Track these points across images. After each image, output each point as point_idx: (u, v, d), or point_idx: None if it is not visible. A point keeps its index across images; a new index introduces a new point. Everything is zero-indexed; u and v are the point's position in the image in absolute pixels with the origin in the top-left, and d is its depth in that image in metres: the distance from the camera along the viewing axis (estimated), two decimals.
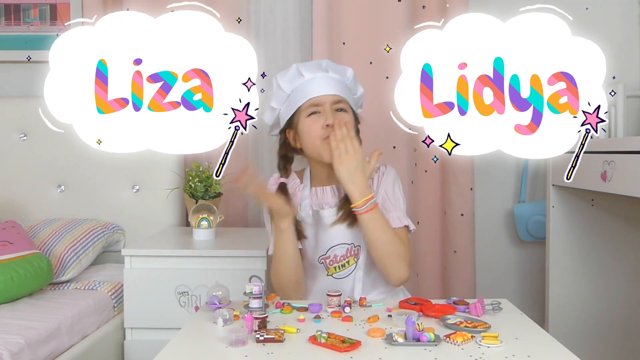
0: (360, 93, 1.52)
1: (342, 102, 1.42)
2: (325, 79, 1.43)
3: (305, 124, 1.41)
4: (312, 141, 1.41)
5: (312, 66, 1.44)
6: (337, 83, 1.43)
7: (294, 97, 1.44)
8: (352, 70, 1.47)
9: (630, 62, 2.31)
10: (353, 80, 1.48)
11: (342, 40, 2.18)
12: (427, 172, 2.25)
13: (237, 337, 1.01)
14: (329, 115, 1.38)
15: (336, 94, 1.41)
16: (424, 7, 2.21)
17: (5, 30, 2.35)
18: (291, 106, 1.44)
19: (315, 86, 1.42)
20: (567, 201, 1.91)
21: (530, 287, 2.37)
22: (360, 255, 1.43)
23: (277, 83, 1.46)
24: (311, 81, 1.42)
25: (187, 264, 1.64)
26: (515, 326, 1.10)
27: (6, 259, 1.60)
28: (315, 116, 1.40)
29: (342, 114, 1.41)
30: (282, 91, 1.45)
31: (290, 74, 1.44)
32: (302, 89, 1.43)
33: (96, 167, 2.09)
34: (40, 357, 1.37)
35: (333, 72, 1.44)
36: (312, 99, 1.40)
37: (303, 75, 1.43)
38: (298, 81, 1.44)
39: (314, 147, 1.41)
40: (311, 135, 1.40)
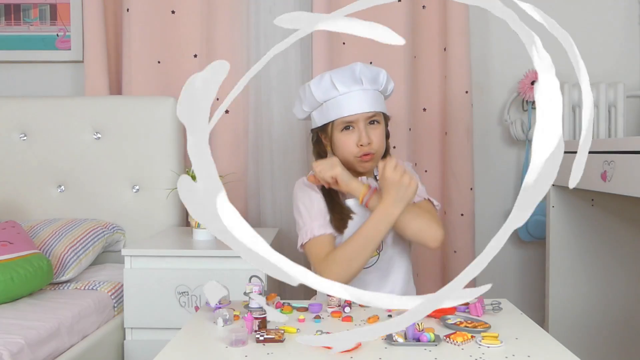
0: (391, 89, 1.52)
1: (376, 115, 1.44)
2: (359, 95, 1.42)
3: (339, 139, 1.44)
4: (345, 156, 1.44)
5: (345, 77, 1.43)
6: (371, 97, 1.44)
7: (327, 109, 1.45)
8: (384, 73, 1.47)
9: (630, 62, 2.31)
10: (386, 82, 1.48)
11: (342, 40, 2.18)
12: (427, 172, 2.25)
13: (237, 337, 1.01)
14: (363, 135, 1.41)
15: (370, 110, 1.42)
16: (424, 7, 2.21)
17: (5, 30, 2.35)
18: (324, 116, 1.46)
19: (349, 103, 1.42)
20: (567, 201, 1.91)
21: (530, 287, 2.37)
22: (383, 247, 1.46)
23: (310, 91, 1.46)
24: (345, 97, 1.42)
25: (187, 264, 1.64)
26: (515, 326, 1.10)
27: (6, 259, 1.60)
28: (349, 131, 1.43)
29: (376, 128, 1.44)
30: (315, 99, 1.46)
31: (324, 84, 1.44)
32: (336, 104, 1.43)
33: (96, 167, 2.09)
34: (40, 357, 1.37)
35: (367, 83, 1.43)
36: (346, 117, 1.42)
37: (337, 88, 1.42)
38: (331, 94, 1.44)
39: (347, 162, 1.44)
40: (345, 151, 1.44)
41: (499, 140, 2.37)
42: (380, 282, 1.46)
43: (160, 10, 2.22)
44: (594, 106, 2.21)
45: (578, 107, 2.20)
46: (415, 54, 2.21)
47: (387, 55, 2.17)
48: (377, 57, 2.18)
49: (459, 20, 2.14)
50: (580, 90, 1.98)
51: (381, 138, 1.45)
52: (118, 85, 2.29)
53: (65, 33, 2.35)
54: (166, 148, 2.09)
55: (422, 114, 2.24)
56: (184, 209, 2.13)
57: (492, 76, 2.35)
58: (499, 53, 2.34)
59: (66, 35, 2.34)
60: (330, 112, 1.44)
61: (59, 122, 2.10)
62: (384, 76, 1.47)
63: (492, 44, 2.34)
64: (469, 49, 2.16)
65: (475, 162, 2.24)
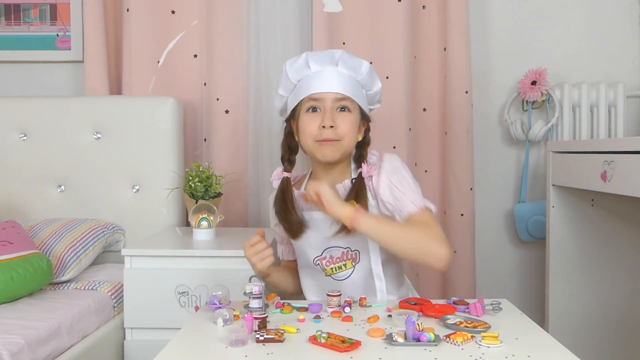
0: (377, 88, 1.43)
1: (346, 100, 1.34)
2: (331, 74, 1.34)
3: (302, 120, 1.35)
4: (305, 140, 1.35)
5: (322, 57, 1.36)
6: (344, 79, 1.35)
7: (299, 89, 1.37)
8: (367, 64, 1.38)
9: (630, 62, 2.32)
10: (368, 75, 1.38)
11: (342, 40, 2.18)
12: (427, 172, 2.25)
13: (237, 337, 1.01)
14: (327, 116, 1.31)
15: (340, 92, 1.33)
16: (424, 7, 2.21)
17: (5, 30, 2.35)
18: (295, 97, 1.38)
19: (319, 81, 1.34)
20: (567, 201, 1.91)
21: (530, 287, 2.37)
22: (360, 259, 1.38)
23: (285, 71, 1.39)
24: (316, 75, 1.35)
25: (187, 264, 1.64)
26: (515, 326, 1.10)
27: (6, 259, 1.60)
28: (313, 114, 1.34)
29: (345, 115, 1.34)
30: (289, 80, 1.39)
31: (298, 63, 1.37)
32: (307, 82, 1.36)
33: (96, 167, 2.09)
34: (40, 357, 1.37)
35: (343, 67, 1.35)
36: (312, 94, 1.33)
37: (310, 67, 1.36)
38: (304, 72, 1.37)
39: (307, 146, 1.36)
40: (306, 133, 1.34)
41: (499, 140, 2.37)
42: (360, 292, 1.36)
43: (160, 10, 2.22)
44: (594, 106, 2.21)
45: (578, 107, 2.20)
46: (415, 54, 2.21)
47: (387, 55, 2.17)
48: (377, 57, 2.18)
49: (459, 20, 2.14)
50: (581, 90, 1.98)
51: (350, 127, 1.33)
52: (118, 85, 2.29)
53: (65, 33, 2.35)
54: (166, 148, 2.09)
55: (422, 114, 2.24)
56: (184, 209, 2.13)
57: (492, 76, 2.35)
58: (499, 53, 2.34)
59: (66, 35, 2.34)
60: (300, 91, 1.36)
61: (59, 122, 2.10)
62: (365, 67, 1.37)
63: (492, 44, 2.34)
64: (469, 49, 2.16)
65: (475, 162, 2.24)
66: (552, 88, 2.23)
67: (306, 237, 1.39)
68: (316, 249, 1.39)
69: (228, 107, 2.19)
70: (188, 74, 2.25)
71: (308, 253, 1.41)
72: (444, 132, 2.23)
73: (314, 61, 1.35)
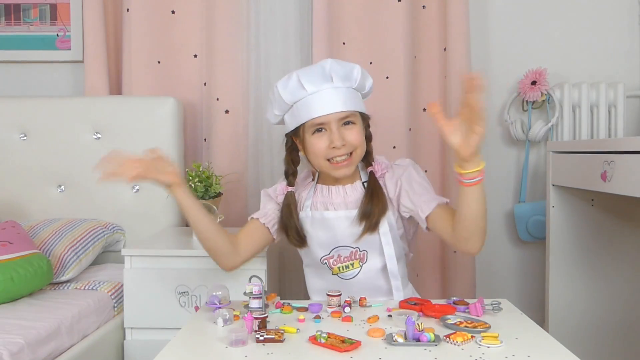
0: (369, 86, 1.43)
1: (350, 116, 1.35)
2: (329, 94, 1.32)
3: (310, 142, 1.35)
4: (317, 161, 1.37)
5: (314, 76, 1.33)
6: (343, 94, 1.34)
7: (298, 111, 1.35)
8: (359, 69, 1.37)
9: (630, 62, 2.31)
10: (360, 78, 1.38)
11: (342, 40, 2.18)
12: (427, 172, 2.25)
13: (237, 337, 1.01)
14: (336, 137, 1.32)
15: (342, 110, 1.33)
16: (424, 7, 2.21)
17: (5, 30, 2.35)
18: (295, 119, 1.37)
19: (319, 103, 1.32)
20: (567, 201, 1.91)
21: (530, 287, 2.37)
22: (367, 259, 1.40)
23: (278, 93, 1.36)
24: (315, 97, 1.32)
25: (187, 264, 1.64)
26: (515, 326, 1.10)
27: (6, 259, 1.60)
28: (320, 134, 1.34)
29: (351, 128, 1.35)
30: (284, 102, 1.37)
31: (291, 84, 1.35)
32: (306, 105, 1.33)
33: None
34: (40, 357, 1.37)
35: (339, 80, 1.33)
36: (316, 119, 1.32)
37: (305, 88, 1.33)
38: (300, 94, 1.34)
39: (319, 166, 1.38)
40: (316, 154, 1.35)
41: (499, 140, 2.37)
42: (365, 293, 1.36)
43: (160, 10, 2.22)
44: (594, 106, 2.21)
45: (578, 107, 2.20)
46: (415, 54, 2.21)
47: (387, 55, 2.17)
48: (377, 57, 2.18)
49: (459, 20, 2.14)
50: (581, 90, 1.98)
51: (358, 137, 1.35)
52: (118, 85, 2.29)
53: (65, 33, 2.35)
54: (166, 148, 2.09)
55: (422, 114, 2.24)
56: None
57: (492, 76, 2.35)
58: (499, 53, 2.34)
59: (66, 35, 2.34)
60: (301, 114, 1.34)
61: (59, 122, 2.10)
62: (357, 72, 1.36)
63: (492, 44, 2.34)
64: (469, 49, 2.16)
65: None
66: (552, 88, 2.23)
67: (315, 235, 1.42)
68: (325, 248, 1.42)
69: (228, 107, 2.19)
70: (188, 74, 2.25)
71: (316, 252, 1.43)
72: None
73: (308, 81, 1.33)
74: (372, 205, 1.36)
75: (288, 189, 1.44)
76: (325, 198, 1.42)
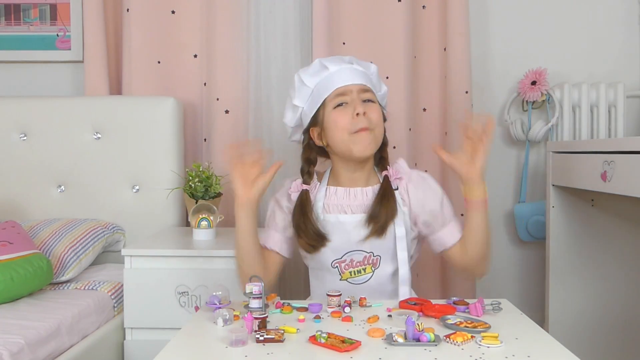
0: (384, 91, 1.48)
1: (370, 93, 1.38)
2: (351, 70, 1.39)
3: (331, 116, 1.35)
4: (340, 135, 1.34)
5: (335, 59, 1.41)
6: (363, 75, 1.40)
7: (318, 91, 1.38)
8: (375, 66, 1.45)
9: (630, 62, 2.31)
10: (377, 76, 1.45)
11: (342, 40, 2.18)
12: (427, 172, 2.25)
13: (237, 337, 1.01)
14: (358, 105, 1.33)
15: (364, 83, 1.37)
16: (424, 7, 2.21)
17: (5, 30, 2.35)
18: (315, 101, 1.38)
19: (341, 76, 1.37)
20: (567, 201, 1.91)
21: (530, 287, 2.37)
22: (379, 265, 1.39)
23: (300, 79, 1.40)
24: (337, 72, 1.38)
25: (187, 264, 1.64)
26: (515, 326, 1.10)
27: (6, 259, 1.60)
28: (342, 108, 1.35)
29: (372, 105, 1.36)
30: (306, 86, 1.40)
31: (313, 68, 1.40)
32: (328, 81, 1.37)
33: (96, 167, 2.09)
34: (40, 357, 1.37)
35: (357, 65, 1.41)
36: (338, 89, 1.35)
37: (327, 67, 1.38)
38: (322, 74, 1.39)
39: (342, 142, 1.35)
40: (339, 128, 1.34)
41: (499, 140, 2.37)
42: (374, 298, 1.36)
43: (160, 10, 2.22)
44: (594, 106, 2.21)
45: (578, 107, 2.20)
46: (415, 54, 2.21)
47: (387, 55, 2.17)
48: (377, 57, 2.18)
49: (459, 20, 2.14)
50: (581, 90, 1.98)
51: (377, 115, 1.36)
52: (118, 85, 2.29)
53: (65, 33, 2.35)
54: (166, 148, 2.09)
55: (422, 114, 2.24)
56: (184, 209, 2.13)
57: (492, 76, 2.35)
58: (499, 53, 2.34)
59: (66, 35, 2.34)
60: (322, 92, 1.37)
61: (59, 122, 2.10)
62: (374, 68, 1.45)
63: (492, 44, 2.34)
64: (469, 49, 2.16)
65: None
66: (552, 88, 2.23)
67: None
68: (337, 252, 1.39)
69: (228, 107, 2.19)
70: (188, 74, 2.25)
71: (326, 255, 1.39)
72: (444, 132, 2.23)
73: (329, 62, 1.40)
74: (380, 208, 1.34)
75: (303, 187, 1.41)
76: (340, 200, 1.39)
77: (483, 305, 1.17)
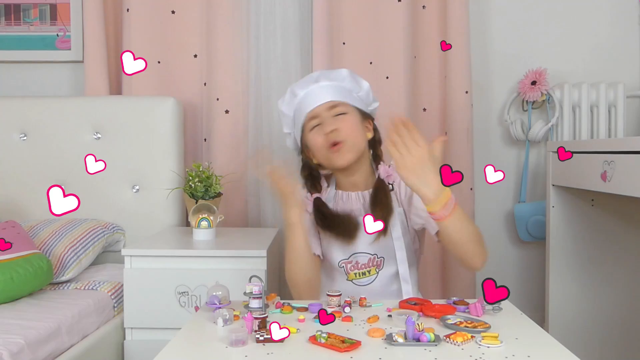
0: (365, 88, 1.50)
1: (340, 106, 1.42)
2: (317, 90, 1.44)
3: (309, 138, 1.43)
4: (319, 153, 1.42)
5: (304, 82, 1.46)
6: (330, 89, 1.44)
7: (296, 117, 1.48)
8: (346, 70, 1.47)
9: (630, 62, 2.31)
10: (350, 79, 1.47)
11: (342, 40, 2.18)
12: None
13: (237, 337, 1.01)
14: (327, 124, 1.39)
15: (329, 100, 1.42)
16: (424, 7, 2.21)
17: (5, 30, 2.35)
18: (297, 126, 1.48)
19: (308, 100, 1.44)
20: (567, 201, 1.91)
21: (530, 287, 2.37)
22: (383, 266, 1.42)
23: (280, 110, 1.50)
24: (305, 96, 1.45)
25: (187, 264, 1.64)
26: (515, 326, 1.10)
27: (6, 259, 1.60)
28: (316, 128, 1.42)
29: (343, 118, 1.41)
30: (286, 115, 1.49)
31: (286, 97, 1.49)
32: (299, 107, 1.46)
33: None
34: (40, 357, 1.37)
35: (325, 80, 1.45)
36: (309, 113, 1.43)
37: (296, 94, 1.46)
38: (294, 101, 1.47)
39: (324, 158, 1.42)
40: (316, 147, 1.42)
41: (499, 140, 2.37)
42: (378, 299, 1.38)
43: (160, 10, 2.22)
44: (594, 106, 2.21)
45: (578, 107, 2.20)
46: (415, 54, 2.21)
47: (387, 55, 2.17)
48: (377, 57, 2.18)
49: (459, 20, 2.14)
50: (581, 90, 1.98)
51: (350, 126, 1.40)
52: (118, 85, 2.29)
53: (65, 33, 2.35)
54: (166, 148, 2.09)
55: (422, 114, 2.24)
56: (184, 209, 2.13)
57: (492, 76, 2.35)
58: (499, 53, 2.34)
59: (66, 35, 2.34)
60: (298, 118, 1.46)
61: (59, 122, 2.10)
62: (345, 72, 1.46)
63: (492, 44, 2.34)
64: (469, 49, 2.16)
65: (475, 162, 2.24)
66: (552, 88, 2.23)
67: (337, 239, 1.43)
68: (344, 251, 1.43)
69: (228, 107, 2.19)
70: (188, 74, 2.25)
71: (334, 254, 1.44)
72: (444, 132, 2.23)
73: (298, 88, 1.46)
74: (374, 208, 1.38)
75: (314, 196, 1.46)
76: (345, 204, 1.45)
77: (483, 305, 1.17)
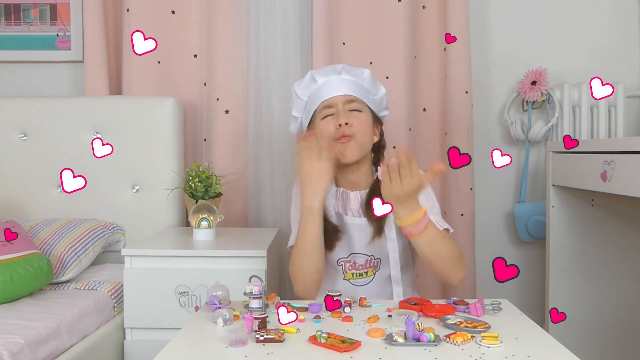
0: (381, 94, 1.51)
1: (356, 102, 1.42)
2: (337, 81, 1.44)
3: (319, 125, 1.43)
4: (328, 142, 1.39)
5: (326, 70, 1.47)
6: (350, 84, 1.44)
7: (310, 103, 1.47)
8: (369, 71, 1.48)
9: (630, 62, 2.32)
10: (370, 80, 1.48)
11: (342, 40, 2.18)
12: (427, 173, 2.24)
13: (237, 337, 1.01)
14: (342, 116, 1.39)
15: (348, 93, 1.42)
16: (424, 7, 2.21)
17: (5, 30, 2.35)
18: (308, 112, 1.47)
19: (327, 88, 1.43)
20: (567, 201, 1.91)
21: (530, 287, 2.37)
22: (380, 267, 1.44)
23: (295, 92, 1.49)
24: (324, 84, 1.45)
25: (187, 264, 1.64)
26: (515, 326, 1.10)
27: (6, 259, 1.60)
28: (329, 118, 1.42)
29: (357, 114, 1.41)
30: (300, 99, 1.49)
31: (305, 81, 1.48)
32: (316, 93, 1.45)
33: (96, 167, 2.09)
34: (40, 357, 1.37)
35: (347, 74, 1.45)
36: (324, 101, 1.42)
37: (316, 80, 1.46)
38: (312, 87, 1.47)
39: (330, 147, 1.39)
40: (324, 135, 1.40)
41: (499, 140, 2.37)
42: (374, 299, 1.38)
43: (160, 10, 2.22)
44: (594, 106, 2.21)
45: (578, 107, 2.20)
46: (415, 54, 2.21)
47: (387, 55, 2.17)
48: (377, 57, 2.18)
49: (459, 20, 2.14)
50: (581, 90, 1.98)
51: (363, 124, 1.40)
52: (118, 85, 2.29)
53: (65, 33, 2.35)
54: (166, 148, 2.09)
55: (422, 114, 2.24)
56: (184, 209, 2.13)
57: (492, 76, 2.35)
58: (499, 53, 2.34)
59: (66, 35, 2.34)
60: (313, 103, 1.45)
61: (59, 122, 2.10)
62: (367, 73, 1.47)
63: (492, 44, 2.34)
64: (469, 49, 2.16)
65: (475, 162, 2.24)
66: (552, 88, 2.23)
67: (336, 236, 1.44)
68: (344, 250, 1.44)
69: (228, 107, 2.19)
70: (188, 74, 2.25)
71: (335, 252, 1.45)
72: (444, 132, 2.23)
73: (319, 75, 1.46)
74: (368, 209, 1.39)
75: None
76: (345, 202, 1.46)
77: (483, 305, 1.17)
